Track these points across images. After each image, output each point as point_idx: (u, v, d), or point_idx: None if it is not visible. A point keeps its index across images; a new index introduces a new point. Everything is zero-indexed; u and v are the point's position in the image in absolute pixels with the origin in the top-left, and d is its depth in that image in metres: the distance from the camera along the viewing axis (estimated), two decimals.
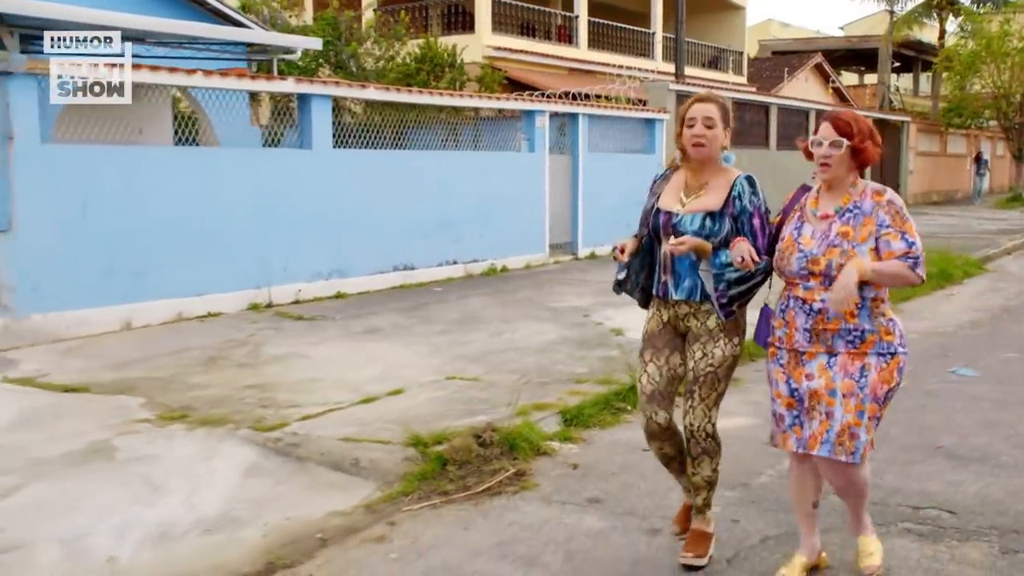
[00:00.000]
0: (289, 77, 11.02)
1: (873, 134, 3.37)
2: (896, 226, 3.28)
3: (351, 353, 7.86)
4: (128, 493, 4.72)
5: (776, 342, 3.49)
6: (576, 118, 14.85)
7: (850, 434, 3.29)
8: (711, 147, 3.65)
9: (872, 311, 3.32)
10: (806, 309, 3.36)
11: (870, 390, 3.30)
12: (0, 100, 7.85)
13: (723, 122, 3.68)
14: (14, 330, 8.08)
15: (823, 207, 3.42)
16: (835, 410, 3.31)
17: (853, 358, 3.32)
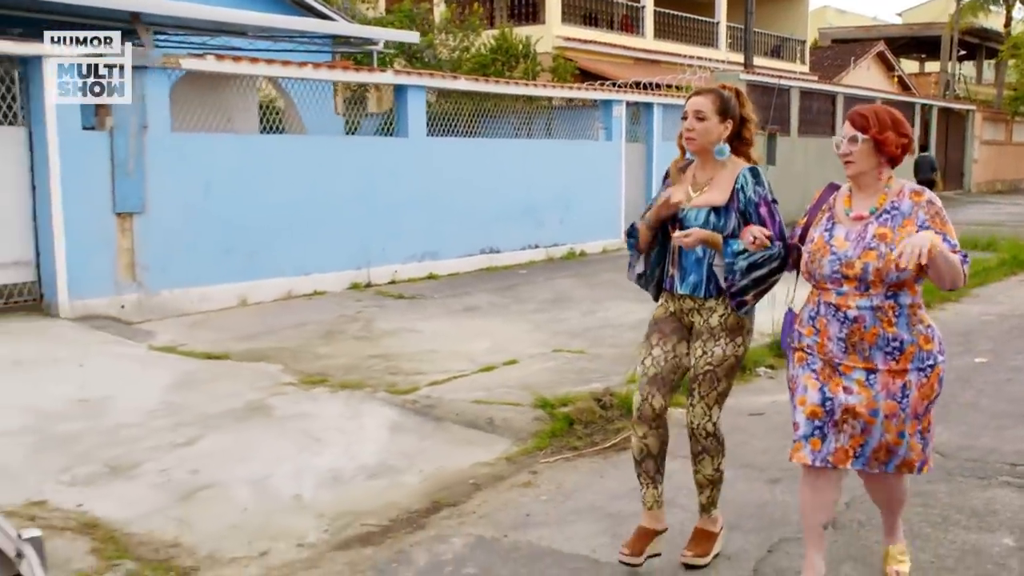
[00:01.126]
0: (388, 69, 11.61)
1: (897, 124, 3.19)
2: (937, 227, 3.09)
3: (458, 328, 8.42)
4: (293, 444, 5.31)
5: (805, 348, 3.29)
6: (651, 107, 15.28)
7: (887, 450, 3.21)
8: (701, 140, 3.59)
9: (910, 319, 3.15)
10: (840, 317, 3.16)
11: (911, 409, 3.17)
12: (137, 92, 8.49)
13: (719, 115, 3.59)
14: (146, 304, 8.76)
15: (857, 207, 3.24)
16: (874, 429, 3.18)
17: (894, 376, 3.15)
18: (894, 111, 3.25)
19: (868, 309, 3.11)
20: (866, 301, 3.11)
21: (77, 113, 8.28)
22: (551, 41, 20.98)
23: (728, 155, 3.61)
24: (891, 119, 3.18)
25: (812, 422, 3.21)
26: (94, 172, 8.34)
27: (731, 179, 3.57)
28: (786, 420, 5.44)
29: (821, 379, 3.22)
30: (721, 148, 3.58)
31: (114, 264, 8.55)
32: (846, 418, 3.18)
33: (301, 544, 4.11)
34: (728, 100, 3.61)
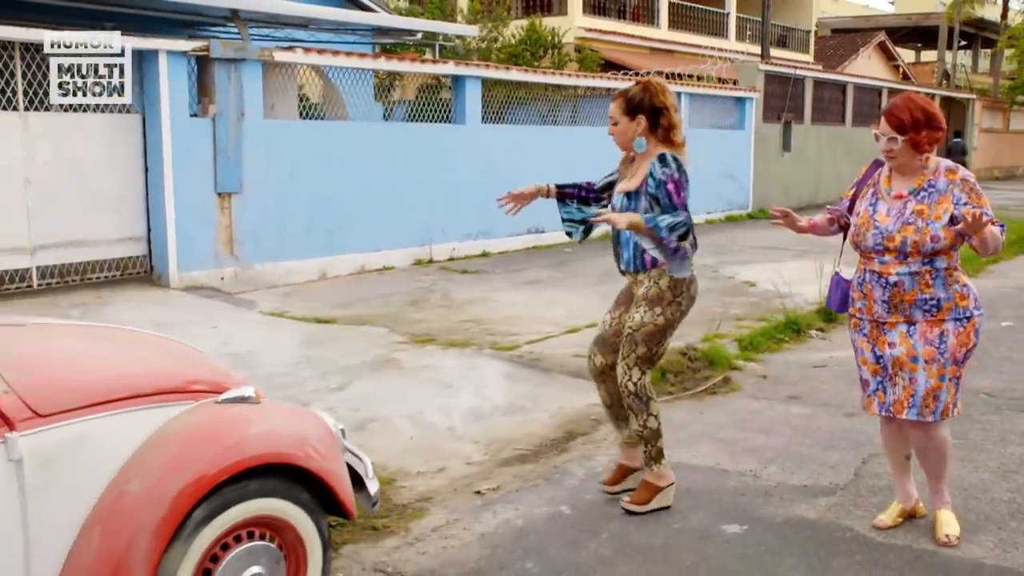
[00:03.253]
0: (450, 61, 12.42)
1: (931, 119, 3.47)
2: (974, 201, 3.43)
3: (530, 298, 9.28)
4: (430, 389, 6.16)
5: (857, 313, 3.71)
6: (680, 96, 16.09)
7: (933, 396, 3.54)
8: (621, 139, 4.05)
9: (946, 280, 3.51)
10: (882, 283, 3.55)
11: (950, 354, 3.51)
12: (235, 83, 9.31)
13: (628, 115, 3.98)
14: (242, 276, 9.59)
15: (896, 187, 3.57)
16: (918, 375, 3.53)
17: (932, 325, 3.52)
18: (928, 104, 3.52)
19: (907, 275, 3.49)
20: (905, 268, 3.49)
21: (185, 101, 9.08)
22: (573, 32, 21.76)
23: (645, 147, 3.99)
24: (926, 116, 3.46)
25: (876, 378, 3.70)
26: (199, 155, 9.16)
27: (646, 167, 3.98)
28: (846, 370, 6.40)
29: (871, 340, 3.67)
30: (639, 142, 4.00)
31: (215, 239, 9.37)
32: (896, 371, 3.59)
33: (470, 463, 4.97)
34: (634, 98, 3.99)
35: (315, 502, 3.05)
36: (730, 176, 17.31)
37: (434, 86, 13.58)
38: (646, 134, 4.01)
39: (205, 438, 2.82)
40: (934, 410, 3.56)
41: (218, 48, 9.15)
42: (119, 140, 8.85)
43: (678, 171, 3.92)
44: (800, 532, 3.93)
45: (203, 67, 9.27)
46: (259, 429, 2.95)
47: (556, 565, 3.68)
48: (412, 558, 3.78)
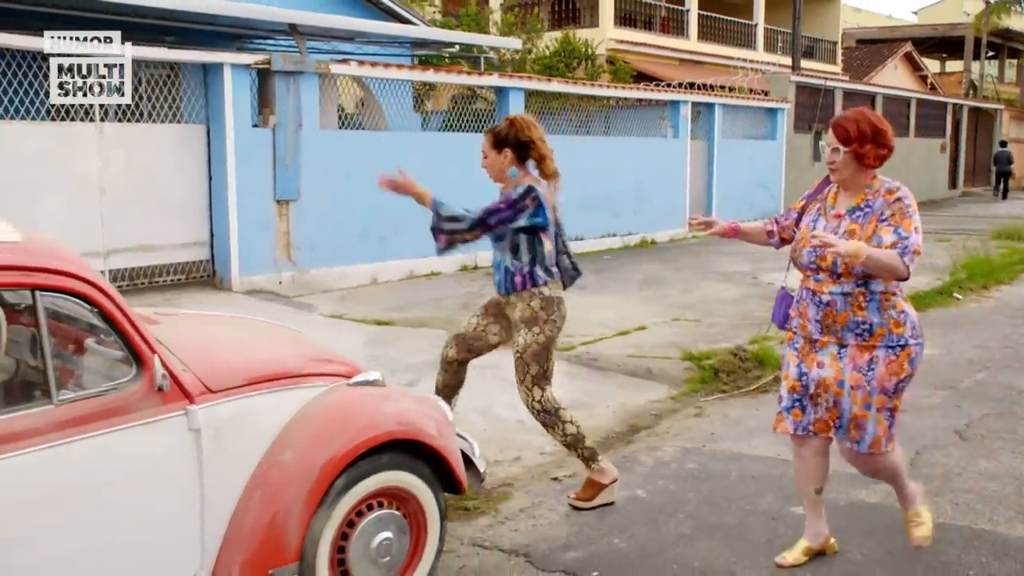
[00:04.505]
0: (494, 73, 12.79)
1: (878, 135, 3.36)
2: (894, 221, 3.31)
3: (577, 303, 9.49)
4: (495, 385, 6.48)
5: (793, 328, 3.61)
6: (712, 107, 16.40)
7: (856, 425, 3.45)
8: (492, 172, 4.44)
9: (881, 304, 3.38)
10: (816, 301, 3.45)
11: (877, 383, 3.38)
12: (293, 95, 9.70)
13: (496, 148, 4.34)
14: (299, 281, 9.96)
15: (839, 205, 3.49)
16: (843, 400, 3.44)
17: (862, 350, 3.40)
18: (877, 120, 3.41)
19: (839, 295, 3.39)
20: (838, 288, 3.38)
21: (247, 112, 9.47)
22: (605, 43, 22.10)
23: (517, 176, 4.34)
24: (872, 130, 3.35)
25: (792, 395, 3.56)
26: (260, 164, 9.54)
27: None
28: None
29: (800, 356, 3.55)
30: (512, 171, 4.35)
31: (273, 245, 9.75)
32: (819, 392, 3.49)
33: (542, 453, 5.30)
34: (500, 133, 4.33)
35: (434, 476, 3.39)
36: (762, 185, 17.58)
37: (468, 97, 13.94)
38: (515, 164, 4.34)
39: (344, 416, 3.17)
40: (858, 440, 3.48)
41: (278, 61, 9.54)
42: (185, 150, 9.24)
43: (524, 195, 4.26)
44: (864, 514, 4.23)
45: (263, 79, 9.66)
46: (389, 409, 3.30)
47: (640, 541, 4.00)
48: (505, 535, 4.11)
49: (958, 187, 28.49)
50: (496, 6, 23.92)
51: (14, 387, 2.85)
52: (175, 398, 2.76)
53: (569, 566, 3.77)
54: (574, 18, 24.37)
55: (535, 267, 4.32)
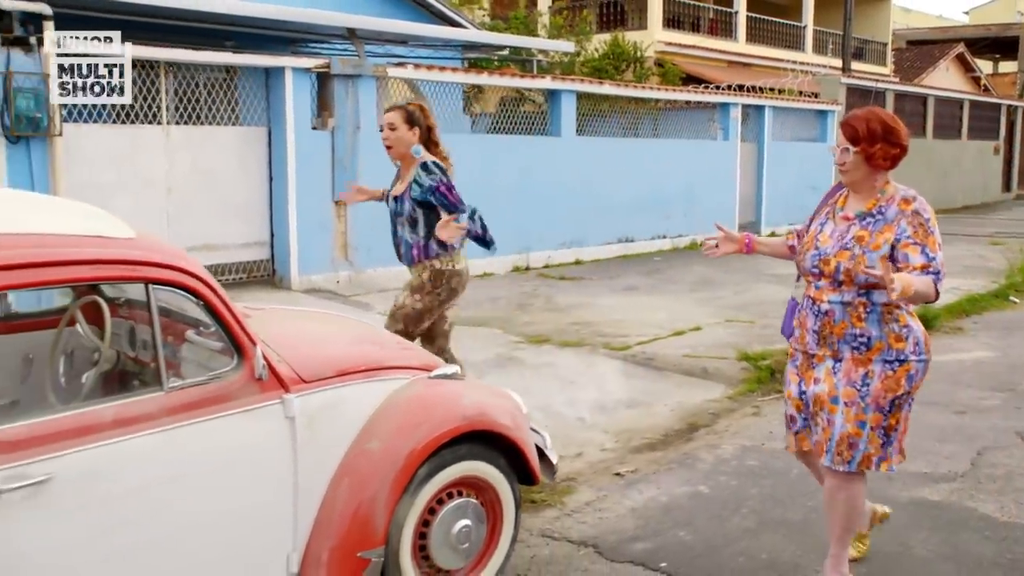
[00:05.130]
0: (547, 76, 12.92)
1: (889, 134, 3.19)
2: (918, 239, 3.11)
3: (630, 303, 9.68)
4: (554, 384, 6.60)
5: (794, 342, 3.42)
6: (762, 110, 16.38)
7: (848, 444, 3.23)
8: (397, 146, 4.65)
9: (883, 316, 3.18)
10: (815, 310, 3.27)
11: (872, 399, 3.18)
12: (351, 98, 9.89)
13: (407, 124, 4.60)
14: (355, 280, 10.16)
15: (848, 208, 3.30)
16: (836, 418, 3.23)
17: (857, 364, 3.20)
18: (889, 118, 3.25)
19: (839, 304, 3.19)
20: (837, 296, 3.20)
21: (307, 115, 9.68)
22: (653, 46, 22.13)
23: (422, 154, 4.61)
24: (883, 129, 3.19)
25: (800, 415, 3.41)
26: (319, 166, 9.74)
27: (413, 174, 4.63)
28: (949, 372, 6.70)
29: (799, 373, 3.38)
30: (416, 148, 4.62)
31: (332, 245, 9.95)
32: (816, 410, 3.31)
33: (603, 449, 5.40)
34: (412, 113, 4.63)
35: (510, 467, 3.51)
36: (812, 187, 17.43)
37: (516, 99, 14.05)
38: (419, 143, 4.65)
39: (427, 407, 3.30)
40: (849, 459, 3.24)
41: (338, 65, 9.73)
42: (247, 152, 9.47)
43: (443, 174, 4.61)
44: (927, 511, 4.28)
45: (322, 83, 9.86)
46: (469, 401, 3.42)
47: (706, 534, 4.09)
48: (573, 526, 4.22)
49: (1012, 189, 28.10)
50: (544, 9, 24.04)
51: (127, 375, 3.02)
52: (272, 387, 2.90)
53: (638, 557, 3.87)
54: (621, 20, 24.44)
55: (430, 241, 4.66)
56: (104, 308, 3.01)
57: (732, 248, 3.65)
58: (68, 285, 2.91)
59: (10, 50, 7.53)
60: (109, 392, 2.93)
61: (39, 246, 2.52)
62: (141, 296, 3.13)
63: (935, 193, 22.46)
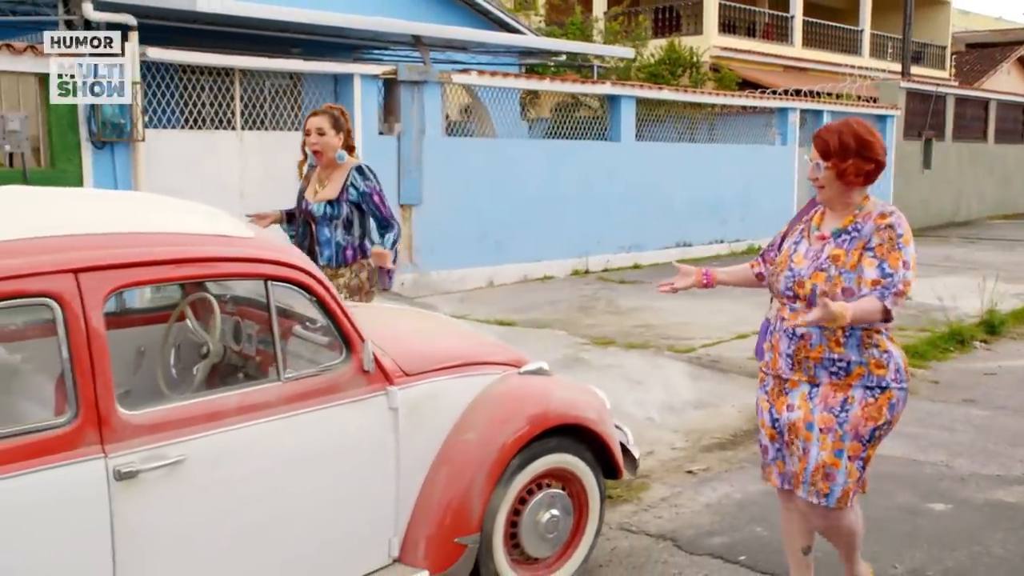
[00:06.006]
0: (607, 81, 13.05)
1: (863, 148, 2.97)
2: (880, 253, 2.91)
3: (692, 306, 9.73)
4: (621, 384, 6.71)
5: (764, 367, 3.25)
6: (820, 114, 16.32)
7: (824, 474, 3.00)
8: (325, 151, 4.58)
9: (863, 341, 2.97)
10: (789, 333, 3.07)
11: (851, 426, 2.97)
12: (417, 103, 10.10)
13: (334, 128, 4.56)
14: (420, 283, 10.35)
15: (824, 226, 3.09)
16: (811, 446, 3.03)
17: (836, 390, 3.00)
18: (865, 131, 3.01)
19: (815, 327, 2.97)
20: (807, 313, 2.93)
21: (375, 121, 9.91)
22: (709, 51, 22.13)
23: (346, 159, 4.62)
24: (857, 143, 2.96)
25: (774, 444, 3.20)
26: (385, 170, 9.89)
27: (342, 177, 4.61)
28: (1018, 378, 6.69)
29: (770, 400, 3.19)
30: (341, 154, 4.61)
31: None
32: (791, 439, 3.09)
33: (674, 448, 5.50)
34: (338, 118, 4.61)
35: (596, 460, 3.64)
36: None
37: (571, 104, 14.15)
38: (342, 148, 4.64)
39: (519, 401, 3.45)
40: (827, 493, 3.02)
41: (404, 71, 9.95)
42: None
43: (377, 181, 4.67)
44: (1003, 512, 4.33)
45: (389, 89, 10.08)
46: (558, 396, 3.57)
47: (762, 537, 4.18)
48: (650, 521, 4.34)
49: None
50: (600, 14, 24.14)
51: (242, 366, 3.21)
52: (377, 380, 3.07)
53: (716, 550, 3.98)
54: (676, 26, 24.45)
55: (364, 241, 4.72)
56: (214, 303, 3.20)
57: (688, 283, 3.52)
58: (196, 281, 3.09)
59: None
60: (228, 382, 3.11)
61: (170, 244, 2.70)
62: (249, 292, 3.33)
63: (997, 198, 22.24)
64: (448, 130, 12.14)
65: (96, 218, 2.73)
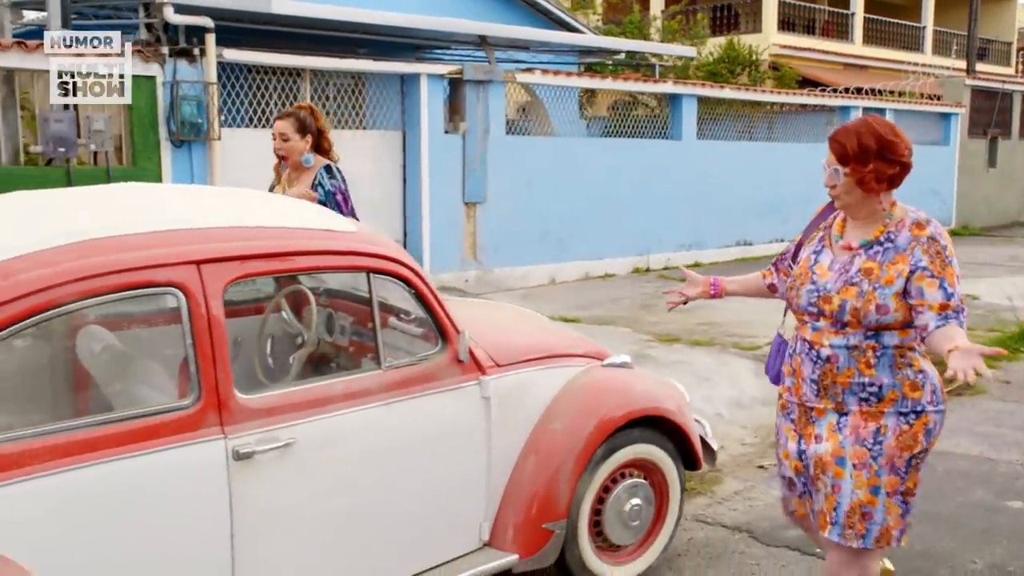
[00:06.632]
0: (668, 79, 13.09)
1: (886, 148, 2.68)
2: (935, 270, 2.61)
3: (754, 305, 9.65)
4: (690, 381, 6.70)
5: (785, 392, 2.94)
6: (883, 112, 16.15)
7: (862, 514, 2.70)
8: (291, 155, 4.58)
9: (895, 361, 2.68)
10: (812, 356, 2.76)
11: (886, 460, 2.68)
12: (482, 102, 10.23)
13: (299, 133, 4.54)
14: (484, 280, 10.49)
15: (849, 235, 2.80)
16: (843, 483, 2.71)
17: (867, 419, 2.71)
18: (886, 129, 2.73)
19: (843, 348, 2.70)
20: (841, 340, 2.70)
21: (440, 120, 10.06)
22: (768, 49, 21.99)
23: (313, 162, 4.59)
24: (878, 143, 2.67)
25: (800, 477, 2.91)
26: (451, 168, 10.11)
27: (311, 178, 4.58)
28: None
29: (798, 429, 2.87)
30: (307, 157, 4.58)
31: (461, 245, 10.31)
32: (817, 473, 2.79)
33: (744, 443, 5.57)
34: (304, 119, 4.57)
35: (676, 451, 3.73)
36: (933, 192, 17.19)
37: (628, 103, 14.17)
38: (310, 151, 4.60)
39: (604, 392, 3.56)
40: (864, 533, 2.71)
41: (470, 71, 10.09)
42: (384, 155, 9.90)
43: (343, 182, 4.60)
44: None
45: (455, 88, 10.23)
46: (641, 388, 3.67)
47: None
48: (725, 513, 4.41)
49: None
50: (658, 13, 24.11)
51: (344, 355, 3.35)
52: (470, 370, 3.19)
53: (792, 543, 4.04)
54: (734, 24, 24.32)
55: None
56: (309, 295, 3.35)
57: (696, 292, 3.35)
58: (305, 273, 3.24)
59: (176, 61, 8.07)
60: (329, 371, 3.25)
61: (283, 238, 2.85)
62: (342, 285, 3.48)
63: None
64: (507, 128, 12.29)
65: (212, 213, 2.88)
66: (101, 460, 2.42)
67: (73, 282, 2.42)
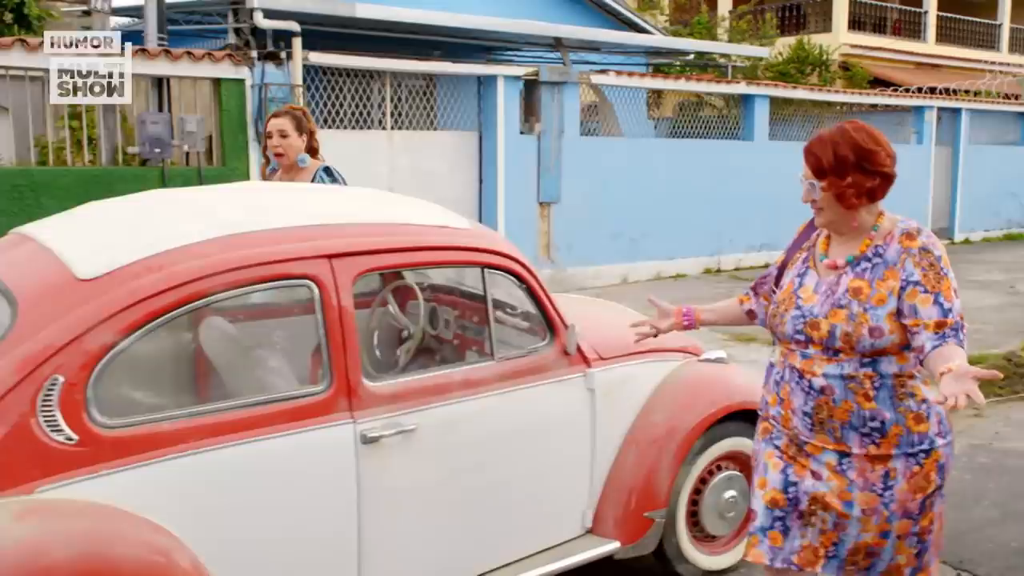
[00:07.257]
0: (739, 80, 13.09)
1: (865, 158, 2.47)
2: (929, 284, 2.39)
3: None
4: None
5: (771, 419, 2.69)
6: (958, 113, 15.95)
7: (866, 553, 2.51)
8: (288, 153, 4.40)
9: (896, 392, 2.44)
10: (804, 386, 2.52)
11: (898, 505, 2.45)
12: (556, 103, 10.35)
13: (297, 131, 4.39)
14: (557, 279, 10.60)
15: (833, 252, 2.59)
16: (849, 525, 2.50)
17: (873, 462, 2.46)
18: (864, 137, 2.50)
19: (837, 378, 2.46)
20: (835, 368, 2.46)
21: (516, 120, 10.21)
22: (839, 49, 21.77)
23: (308, 163, 4.44)
24: (856, 154, 2.46)
25: (771, 512, 2.61)
26: (525, 169, 10.26)
27: (309, 178, 4.42)
28: None
29: (785, 458, 2.61)
30: (303, 157, 4.42)
31: (536, 244, 10.45)
32: (814, 509, 2.54)
33: None
34: (300, 119, 4.46)
35: None
36: (1010, 194, 16.88)
37: (695, 103, 14.17)
38: (305, 151, 4.48)
39: (703, 386, 3.66)
40: (868, 567, 2.54)
41: (545, 72, 10.22)
42: (459, 155, 10.08)
43: (344, 183, 4.50)
44: None
45: (530, 90, 10.36)
46: (738, 382, 3.76)
47: (951, 522, 4.22)
48: None
49: None
50: (726, 13, 24.00)
51: (465, 346, 3.50)
52: (577, 362, 3.31)
53: None
54: (803, 23, 24.10)
55: None
56: (416, 290, 3.50)
57: (668, 325, 3.07)
58: (422, 267, 3.39)
59: (264, 64, 8.33)
60: (442, 361, 3.40)
61: (405, 234, 3.00)
62: (447, 280, 3.62)
63: None
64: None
65: (339, 210, 3.05)
66: (243, 440, 2.58)
67: (218, 274, 2.59)
